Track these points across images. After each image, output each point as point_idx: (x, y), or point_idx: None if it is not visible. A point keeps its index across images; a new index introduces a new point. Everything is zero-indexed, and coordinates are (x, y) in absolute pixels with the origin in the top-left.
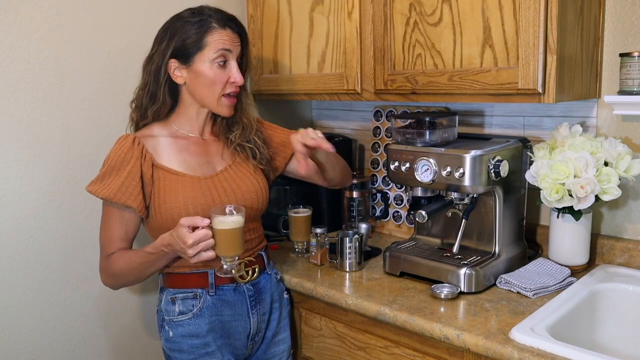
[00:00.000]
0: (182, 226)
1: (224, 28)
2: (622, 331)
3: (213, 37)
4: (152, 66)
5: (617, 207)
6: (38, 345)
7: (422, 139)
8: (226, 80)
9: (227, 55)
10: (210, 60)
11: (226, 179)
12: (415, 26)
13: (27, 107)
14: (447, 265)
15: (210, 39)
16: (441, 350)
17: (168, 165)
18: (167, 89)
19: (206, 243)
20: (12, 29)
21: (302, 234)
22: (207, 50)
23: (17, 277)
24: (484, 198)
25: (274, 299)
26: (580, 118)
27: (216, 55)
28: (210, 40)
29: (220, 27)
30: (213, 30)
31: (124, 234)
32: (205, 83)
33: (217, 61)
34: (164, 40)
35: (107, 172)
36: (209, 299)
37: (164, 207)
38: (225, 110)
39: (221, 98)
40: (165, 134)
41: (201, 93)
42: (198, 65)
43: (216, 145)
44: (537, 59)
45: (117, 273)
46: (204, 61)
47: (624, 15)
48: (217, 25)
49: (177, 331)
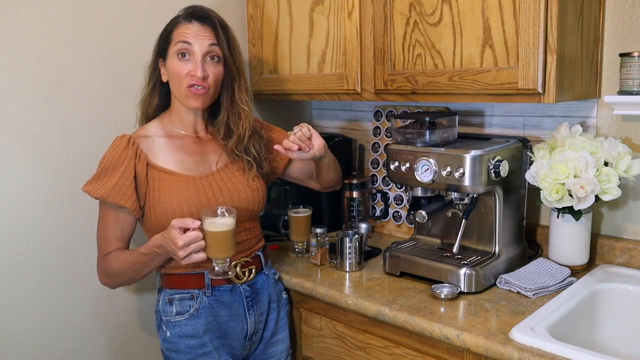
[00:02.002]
0: (173, 228)
1: (189, 21)
2: (622, 331)
3: (177, 30)
4: (150, 66)
5: (617, 207)
6: (38, 345)
7: (422, 139)
8: (186, 72)
9: (188, 47)
10: (174, 54)
11: (222, 179)
12: (415, 26)
13: (27, 107)
14: (447, 265)
15: (175, 33)
16: (441, 350)
17: (163, 165)
18: (158, 88)
19: (197, 245)
20: (12, 29)
21: (302, 234)
22: (172, 44)
23: (17, 277)
24: (484, 198)
25: (271, 299)
26: (580, 118)
27: (177, 48)
28: (174, 35)
29: (185, 21)
30: (178, 25)
31: (119, 234)
32: (172, 77)
33: (177, 54)
34: (156, 41)
35: (102, 172)
36: (206, 300)
37: (159, 207)
38: (191, 102)
39: (186, 90)
40: (160, 134)
41: (172, 87)
42: (169, 60)
43: (213, 144)
44: (537, 59)
45: (113, 273)
46: (171, 55)
47: (624, 15)
48: (183, 19)
49: (174, 331)
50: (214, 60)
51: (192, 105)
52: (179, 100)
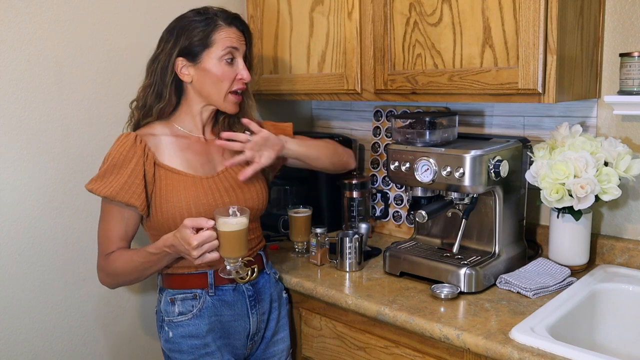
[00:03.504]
0: (186, 227)
1: (230, 26)
2: (622, 331)
3: (220, 34)
4: (157, 65)
5: (617, 207)
6: (38, 345)
7: (422, 139)
8: (233, 77)
9: (234, 52)
10: (218, 58)
11: (227, 179)
12: (415, 26)
13: (27, 107)
14: (447, 265)
15: (218, 36)
16: (441, 350)
17: (170, 164)
18: (173, 88)
19: (211, 244)
20: (12, 29)
21: (302, 234)
22: (215, 47)
23: (17, 277)
24: (484, 198)
25: (273, 298)
26: (580, 118)
27: (224, 52)
28: (217, 38)
29: (226, 25)
30: (220, 28)
31: (123, 233)
32: (213, 80)
33: (225, 58)
34: (170, 40)
35: (108, 170)
36: (209, 300)
37: (166, 206)
38: (231, 107)
39: (228, 95)
40: (166, 133)
41: (208, 90)
42: (206, 62)
43: (217, 145)
44: (537, 59)
45: (116, 272)
46: (212, 58)
47: (624, 15)
48: (223, 23)
49: (176, 332)
50: (247, 63)
51: (230, 110)
52: (213, 103)
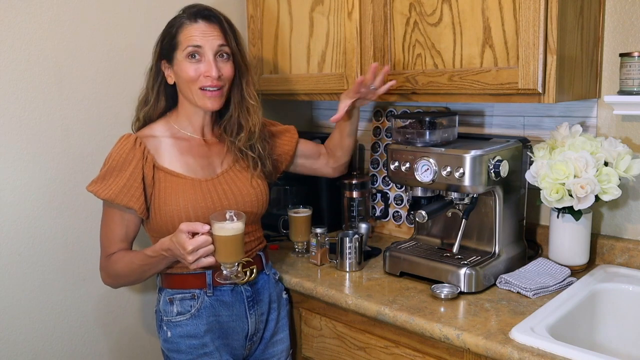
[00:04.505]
0: (181, 232)
1: (195, 21)
2: (622, 331)
3: (183, 33)
4: (149, 69)
5: (617, 207)
6: (38, 345)
7: (422, 139)
8: (200, 74)
9: (198, 50)
10: (183, 57)
11: (226, 182)
12: (415, 26)
13: (27, 107)
14: (447, 265)
15: (182, 35)
16: (441, 350)
17: (169, 167)
18: (162, 90)
19: (206, 249)
20: (12, 29)
21: (302, 234)
22: (180, 47)
23: (17, 277)
24: (484, 198)
25: (272, 299)
26: (580, 118)
27: (186, 52)
28: (181, 37)
29: (190, 22)
30: (183, 26)
31: (124, 235)
32: (184, 80)
33: (188, 56)
34: (157, 43)
35: (108, 172)
36: (207, 300)
37: (164, 209)
38: (207, 104)
39: (199, 92)
40: (167, 135)
41: (184, 90)
42: (177, 63)
43: (218, 147)
44: (537, 59)
45: (117, 273)
46: (180, 58)
47: (624, 15)
48: (187, 20)
49: (175, 331)
50: (224, 57)
51: (208, 107)
52: (192, 102)
